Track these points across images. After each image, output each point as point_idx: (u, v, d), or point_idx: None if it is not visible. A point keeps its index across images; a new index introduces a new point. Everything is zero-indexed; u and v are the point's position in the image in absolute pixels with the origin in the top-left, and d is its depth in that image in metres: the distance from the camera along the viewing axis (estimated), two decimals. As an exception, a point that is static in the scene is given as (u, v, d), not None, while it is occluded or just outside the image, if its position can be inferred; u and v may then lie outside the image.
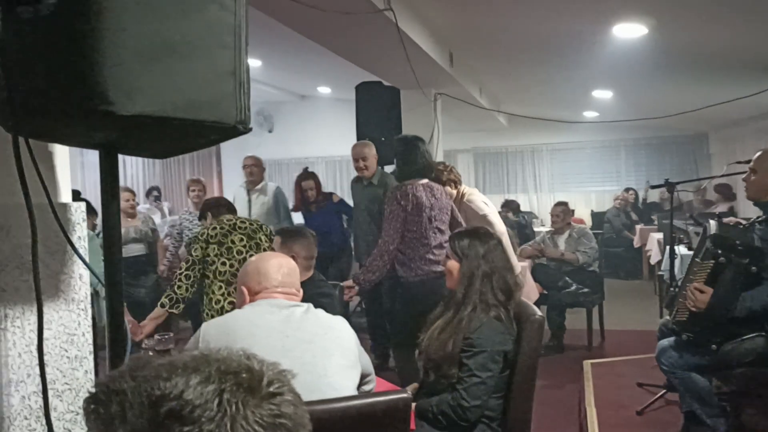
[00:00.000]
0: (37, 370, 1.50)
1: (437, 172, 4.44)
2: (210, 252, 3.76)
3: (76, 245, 1.69)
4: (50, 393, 1.62)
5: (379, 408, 1.59)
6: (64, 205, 1.67)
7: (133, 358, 0.78)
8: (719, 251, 3.00)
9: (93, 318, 2.80)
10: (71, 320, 1.68)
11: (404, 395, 1.62)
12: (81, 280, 1.70)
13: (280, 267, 2.11)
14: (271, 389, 0.70)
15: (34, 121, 1.23)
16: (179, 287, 3.67)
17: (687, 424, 3.38)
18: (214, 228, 3.84)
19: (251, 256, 3.66)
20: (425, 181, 4.01)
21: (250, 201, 6.01)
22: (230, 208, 4.22)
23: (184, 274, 3.70)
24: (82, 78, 1.15)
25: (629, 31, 4.84)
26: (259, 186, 6.08)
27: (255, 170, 6.05)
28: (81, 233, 1.71)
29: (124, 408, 0.67)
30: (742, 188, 3.41)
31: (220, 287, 3.73)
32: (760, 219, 3.17)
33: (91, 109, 1.16)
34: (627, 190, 10.57)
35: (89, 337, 1.73)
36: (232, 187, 11.68)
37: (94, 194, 11.84)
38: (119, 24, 1.17)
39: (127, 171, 11.71)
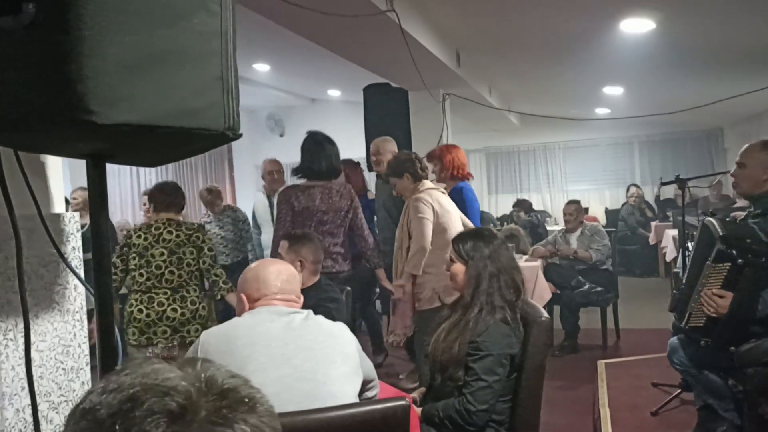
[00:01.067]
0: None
1: (397, 162, 4.23)
2: (130, 259, 3.72)
3: (71, 255, 1.68)
4: (46, 405, 1.61)
5: (377, 416, 1.56)
6: (58, 216, 1.66)
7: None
8: (734, 252, 2.86)
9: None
10: (66, 331, 1.67)
11: (402, 402, 1.59)
12: (76, 291, 1.69)
13: (279, 273, 2.09)
14: (213, 417, 0.66)
15: (17, 133, 1.22)
16: (116, 288, 3.74)
17: (702, 419, 3.31)
18: (139, 236, 3.73)
19: (171, 272, 3.63)
20: (323, 182, 3.95)
21: (272, 206, 5.76)
22: (175, 199, 3.90)
23: (113, 263, 3.69)
24: (62, 88, 1.13)
25: (636, 26, 4.78)
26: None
27: (278, 175, 5.87)
28: (75, 243, 1.70)
29: (71, 417, 0.68)
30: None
31: (136, 294, 3.68)
32: (754, 213, 3.10)
33: (72, 120, 1.14)
34: (628, 188, 10.46)
35: (85, 348, 1.72)
36: (245, 192, 11.79)
37: (111, 201, 11.94)
38: (100, 33, 1.15)
39: (141, 177, 11.79)
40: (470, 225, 4.33)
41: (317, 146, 4.04)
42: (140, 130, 1.21)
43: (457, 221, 4.21)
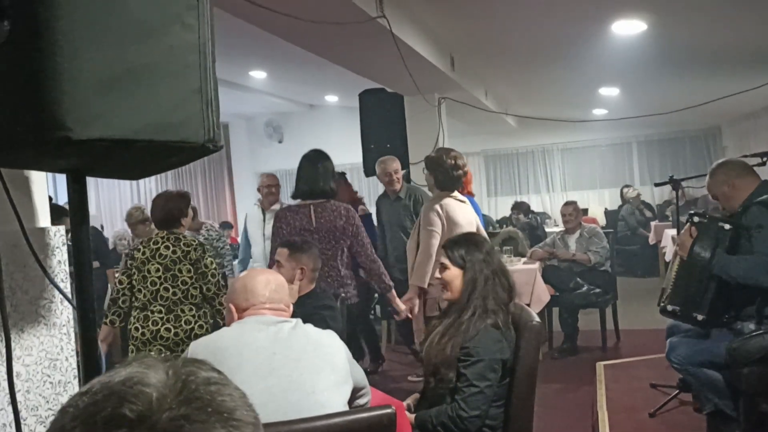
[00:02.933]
0: (17, 397, 1.50)
1: (434, 162, 4.17)
2: (133, 273, 3.62)
3: (56, 269, 1.68)
4: (33, 419, 1.62)
5: (363, 425, 1.56)
6: (42, 230, 1.66)
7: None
8: (695, 218, 3.23)
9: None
10: (53, 345, 1.67)
11: (388, 411, 1.59)
12: (62, 305, 1.69)
13: (268, 283, 2.09)
14: (170, 430, 0.65)
15: (-5, 150, 1.23)
16: (123, 301, 3.62)
17: (712, 423, 3.31)
18: (139, 249, 3.64)
19: (165, 289, 3.51)
20: (318, 201, 3.86)
21: (264, 221, 5.67)
22: (177, 213, 3.75)
23: (118, 281, 3.65)
24: (37, 105, 1.14)
25: (628, 27, 4.80)
26: (275, 206, 5.70)
27: (275, 190, 5.78)
28: (61, 257, 1.70)
29: None
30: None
31: (135, 311, 3.60)
32: (737, 212, 3.23)
33: (47, 136, 1.15)
34: (621, 190, 10.50)
35: (73, 361, 1.72)
36: (244, 200, 11.80)
37: (108, 212, 11.96)
38: (74, 49, 1.15)
39: (140, 187, 11.81)
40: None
41: (310, 166, 3.94)
42: (117, 145, 1.22)
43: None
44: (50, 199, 1.93)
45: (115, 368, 0.72)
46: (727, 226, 3.09)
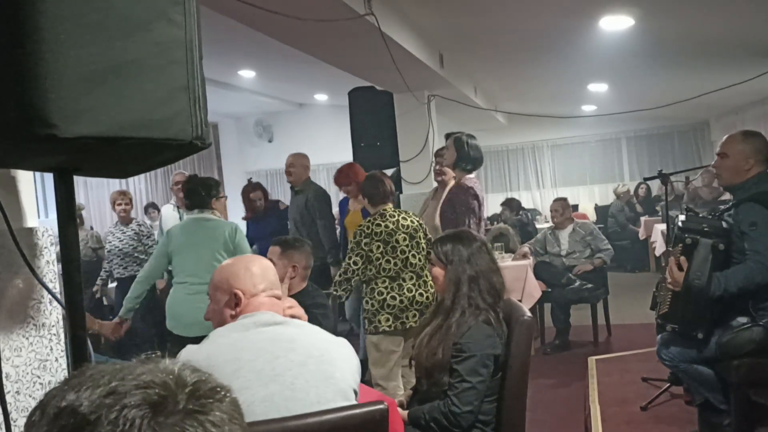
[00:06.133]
0: (7, 399, 1.49)
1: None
2: (374, 248, 3.85)
3: (44, 269, 1.67)
4: (23, 421, 1.60)
5: (356, 421, 1.55)
6: (30, 230, 1.65)
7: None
8: (686, 235, 3.07)
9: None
10: (42, 346, 1.66)
11: (381, 406, 1.59)
12: (51, 305, 1.68)
13: (265, 269, 1.95)
14: (191, 406, 0.68)
15: (-21, 149, 1.21)
16: (354, 280, 3.91)
17: (703, 415, 3.32)
18: (378, 224, 3.88)
19: (413, 256, 3.91)
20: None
21: (182, 219, 5.59)
22: (389, 189, 4.09)
23: (353, 262, 3.90)
24: (22, 102, 1.13)
25: (616, 23, 4.81)
26: None
27: None
28: (49, 257, 1.69)
29: (41, 419, 0.69)
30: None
31: (384, 281, 3.85)
32: (728, 206, 3.18)
33: (32, 134, 1.14)
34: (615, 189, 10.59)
35: (63, 362, 1.71)
36: (235, 200, 11.76)
37: (98, 211, 11.90)
38: (58, 46, 1.15)
39: (131, 185, 11.75)
40: None
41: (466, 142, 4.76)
42: (104, 142, 1.21)
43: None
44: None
45: (87, 371, 0.73)
46: (722, 246, 3.00)
